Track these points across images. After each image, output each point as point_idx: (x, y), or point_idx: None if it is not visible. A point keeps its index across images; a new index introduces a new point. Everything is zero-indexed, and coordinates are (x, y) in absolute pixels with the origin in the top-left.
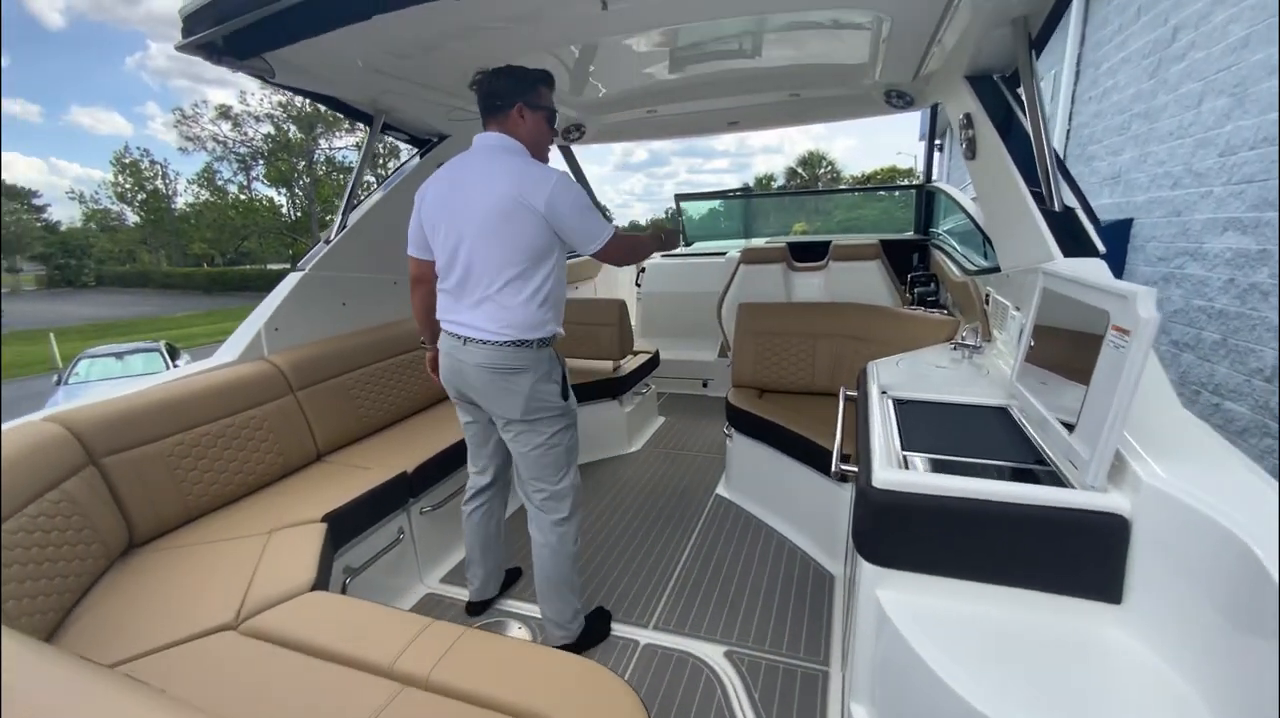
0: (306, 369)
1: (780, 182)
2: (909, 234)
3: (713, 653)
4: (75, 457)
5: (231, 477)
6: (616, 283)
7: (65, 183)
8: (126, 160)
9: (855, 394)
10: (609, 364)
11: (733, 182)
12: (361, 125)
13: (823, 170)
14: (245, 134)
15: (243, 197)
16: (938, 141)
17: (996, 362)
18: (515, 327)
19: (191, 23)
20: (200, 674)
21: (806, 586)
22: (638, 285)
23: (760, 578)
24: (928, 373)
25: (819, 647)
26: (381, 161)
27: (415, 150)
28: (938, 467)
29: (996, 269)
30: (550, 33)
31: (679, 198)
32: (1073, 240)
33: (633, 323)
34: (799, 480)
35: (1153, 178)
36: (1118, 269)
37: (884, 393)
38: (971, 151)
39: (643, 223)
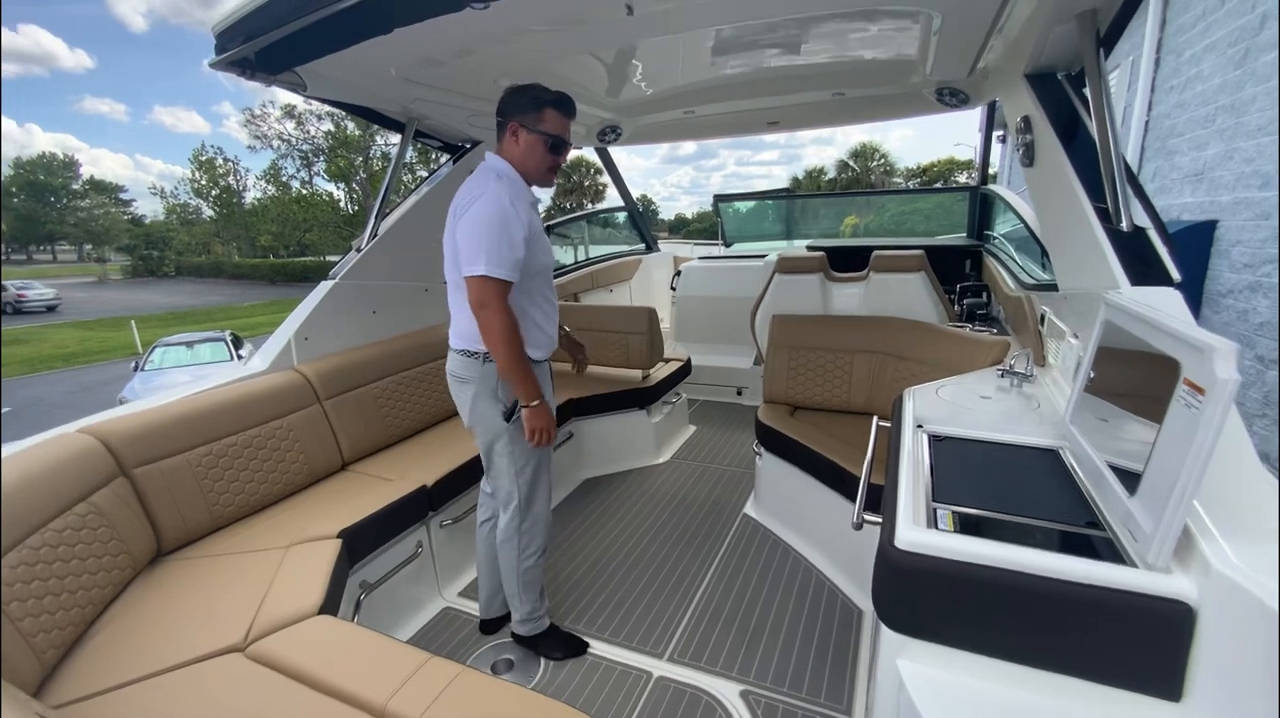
0: (333, 379)
1: (831, 175)
2: (961, 237)
3: (728, 692)
4: (107, 468)
5: (257, 486)
6: (651, 285)
7: (149, 178)
8: (203, 158)
9: (889, 424)
10: (638, 373)
11: (782, 174)
12: None
13: (875, 163)
14: (307, 132)
15: (304, 191)
16: (998, 133)
17: (1049, 392)
18: (463, 336)
19: (224, 40)
20: (203, 700)
21: (833, 621)
22: (673, 289)
23: (784, 609)
24: (970, 404)
25: (842, 692)
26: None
27: (448, 158)
28: (973, 525)
29: (1054, 285)
30: (581, 37)
31: (718, 199)
32: (1143, 266)
33: (666, 326)
34: (829, 507)
35: (1239, 176)
36: (1198, 276)
37: (919, 427)
38: (1029, 158)
39: (689, 216)
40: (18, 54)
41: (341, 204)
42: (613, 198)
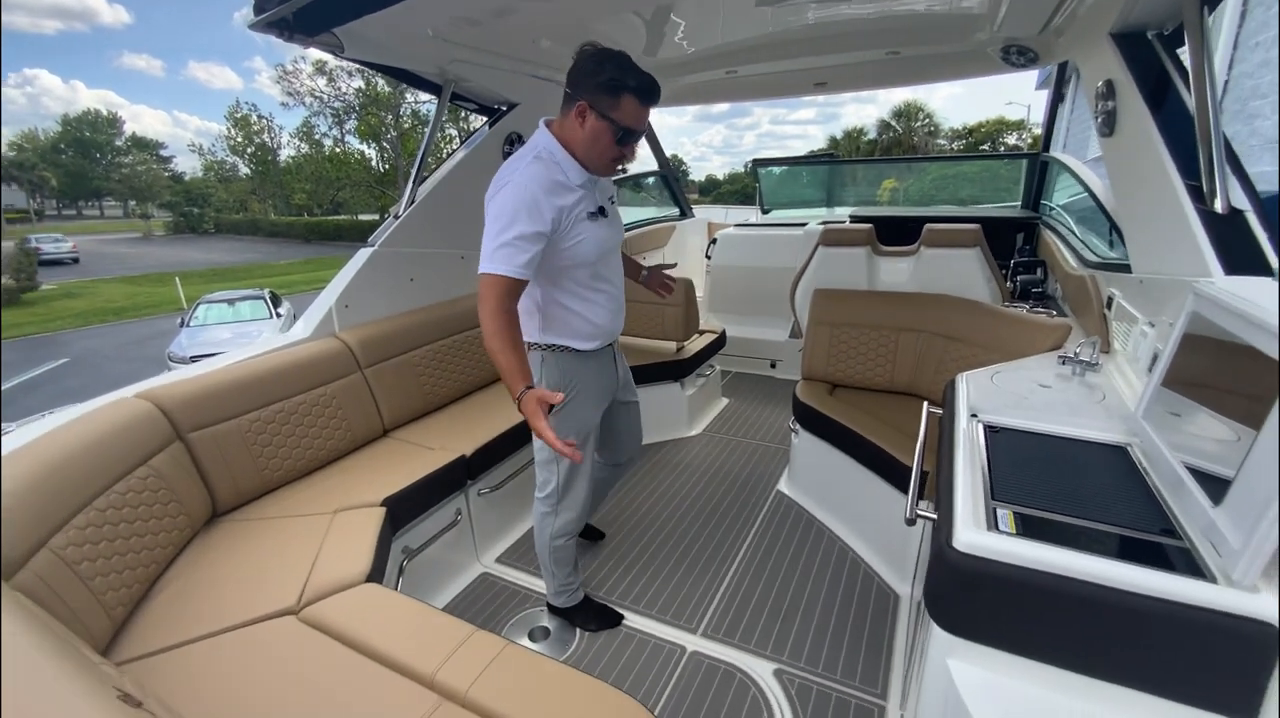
0: (374, 346)
1: (871, 135)
2: (1014, 208)
3: (762, 670)
4: (163, 432)
5: (304, 452)
6: (685, 252)
7: (187, 135)
8: (238, 115)
9: (940, 411)
10: (672, 345)
11: (818, 134)
12: None
13: (919, 124)
14: (339, 89)
15: (337, 150)
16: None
17: (1116, 382)
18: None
19: (262, 1)
20: (258, 660)
21: (868, 604)
22: (708, 258)
23: (819, 590)
24: (1029, 392)
25: (877, 676)
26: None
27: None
28: (1035, 528)
29: (1124, 266)
30: None
31: (756, 163)
32: (1241, 254)
33: (700, 295)
34: (867, 489)
35: None
36: None
37: (974, 416)
38: (1109, 126)
39: (720, 177)
40: (61, 10)
41: (373, 163)
42: (644, 160)
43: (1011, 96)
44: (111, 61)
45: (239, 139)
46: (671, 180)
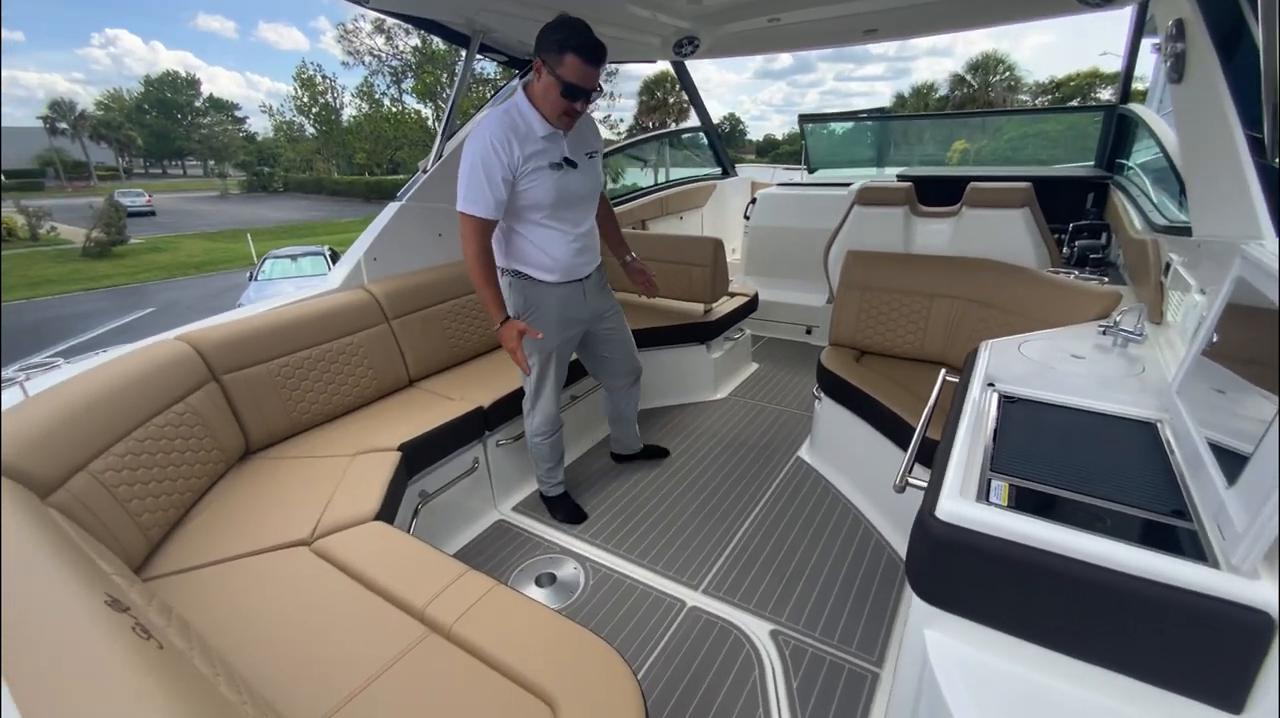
0: (401, 299)
1: (944, 92)
2: (1087, 167)
3: (759, 629)
4: (200, 373)
5: (330, 397)
6: (725, 212)
7: (259, 96)
8: (304, 75)
9: (956, 379)
10: (699, 307)
11: (886, 91)
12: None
13: (998, 78)
14: (396, 47)
15: (394, 109)
16: (1152, 40)
17: (1161, 355)
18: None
19: None
20: (270, 584)
21: (875, 573)
22: (746, 218)
23: (826, 556)
24: (1058, 362)
25: (874, 644)
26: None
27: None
28: (1029, 502)
29: (1189, 229)
30: None
31: (803, 119)
32: None
33: (737, 258)
34: (886, 459)
35: None
36: None
37: (990, 384)
38: (1178, 72)
39: (779, 137)
40: None
41: (429, 122)
42: (695, 117)
43: (1108, 45)
44: (187, 23)
45: (305, 99)
46: (713, 137)
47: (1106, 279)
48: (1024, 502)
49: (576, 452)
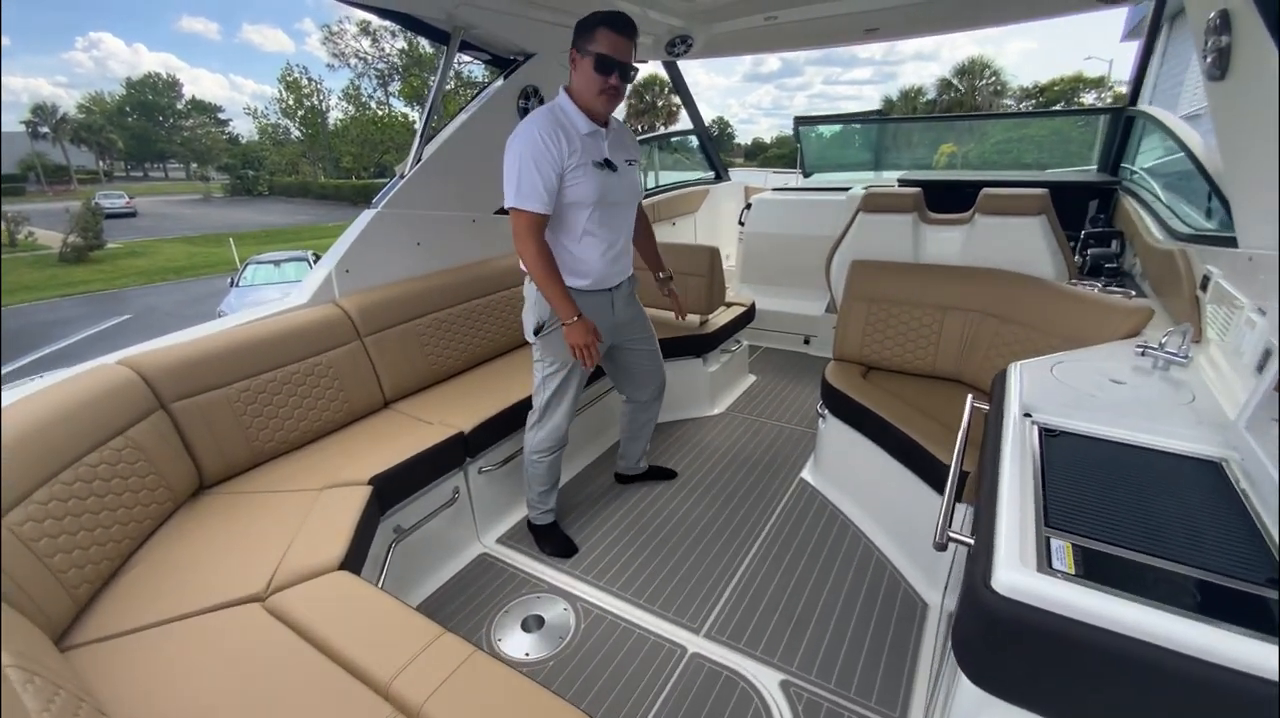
0: (375, 314)
1: (931, 95)
2: (1089, 171)
3: (768, 680)
4: (145, 401)
5: (297, 423)
6: (718, 218)
7: (243, 98)
8: (289, 78)
9: (985, 405)
10: (695, 319)
11: (874, 95)
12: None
13: (984, 82)
14: (382, 49)
15: (380, 112)
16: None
17: (1209, 379)
18: None
19: None
20: (213, 652)
21: (892, 612)
22: (741, 224)
23: (838, 592)
24: (1097, 388)
25: (895, 696)
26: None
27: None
28: (1100, 568)
29: (1225, 239)
30: None
31: (799, 121)
32: None
33: (731, 265)
34: (898, 484)
35: None
36: None
37: (1027, 415)
38: (1221, 68)
39: (767, 140)
40: None
41: (416, 125)
42: (686, 120)
43: (1092, 50)
44: (170, 24)
45: (290, 102)
46: (706, 140)
47: (1131, 292)
48: (1094, 568)
49: (569, 472)
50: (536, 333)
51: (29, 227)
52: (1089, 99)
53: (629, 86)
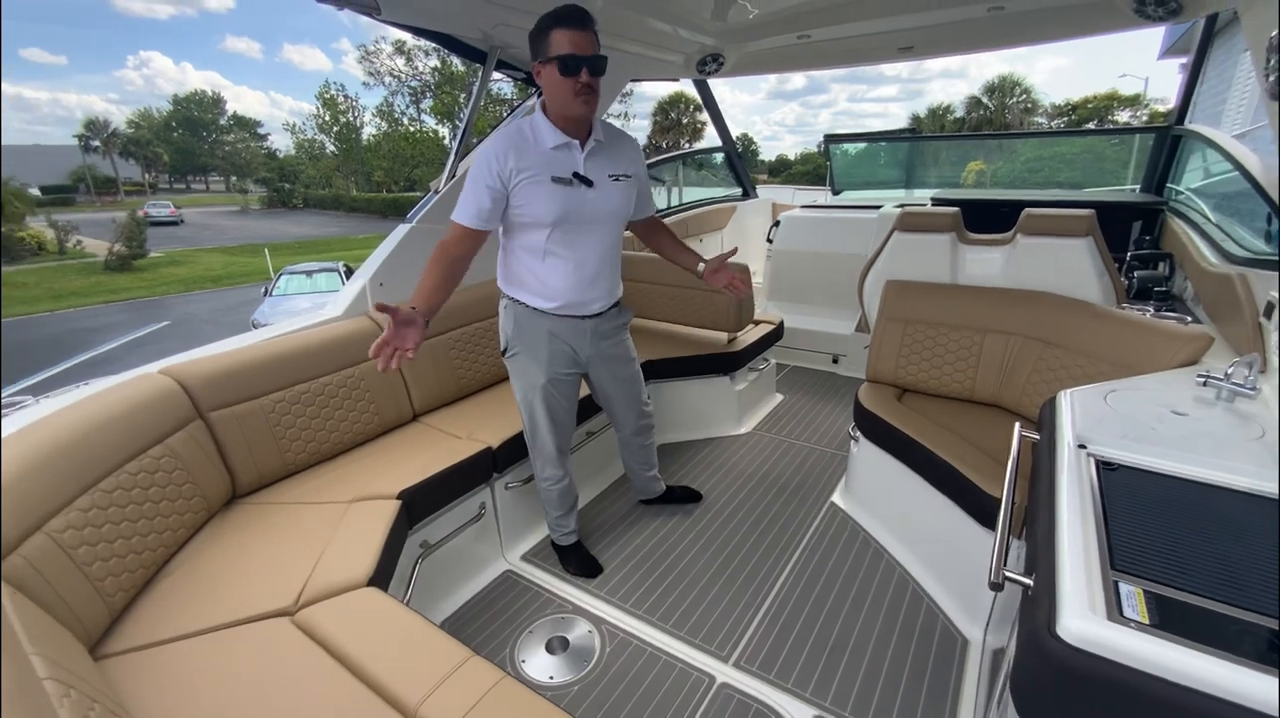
0: None
1: (959, 114)
2: (1126, 190)
3: (800, 715)
4: (184, 411)
5: (328, 435)
6: (745, 235)
7: (282, 114)
8: (327, 95)
9: (1036, 436)
10: (723, 336)
11: (900, 113)
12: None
13: (1015, 100)
14: (416, 68)
15: (412, 128)
16: (1182, 60)
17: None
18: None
19: None
20: (242, 666)
21: (930, 647)
22: (769, 241)
23: (872, 623)
24: (1157, 420)
25: None
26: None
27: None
28: (1177, 617)
29: None
30: None
31: (828, 139)
32: None
33: (759, 282)
34: (936, 512)
35: None
36: None
37: (1082, 447)
38: None
39: (792, 157)
40: None
41: (446, 141)
42: (711, 137)
43: (1127, 67)
44: (216, 44)
45: (326, 118)
46: (734, 157)
47: (1186, 318)
48: (1169, 617)
49: (591, 492)
50: (503, 354)
51: (77, 235)
52: (1124, 117)
53: (601, 80)
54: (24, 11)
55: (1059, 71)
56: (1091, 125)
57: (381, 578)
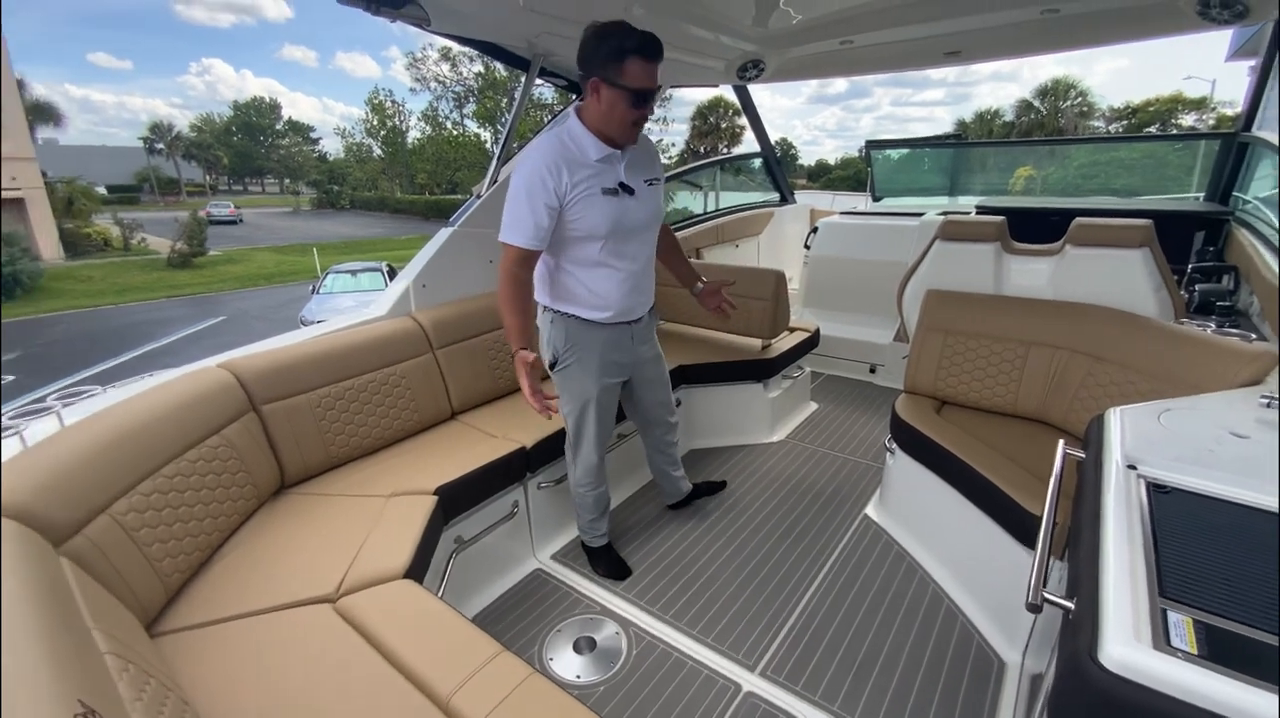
0: (447, 328)
1: (1009, 118)
2: (1189, 199)
3: None
4: (239, 403)
5: (370, 430)
6: (783, 241)
7: (333, 119)
8: (375, 100)
9: (1081, 454)
10: (757, 343)
11: (946, 117)
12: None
13: (1069, 104)
14: (460, 74)
15: (455, 132)
16: (1253, 63)
17: None
18: (536, 287)
19: None
20: (287, 649)
21: (964, 667)
22: (806, 247)
23: (903, 640)
24: (1215, 442)
25: None
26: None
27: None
28: (1227, 648)
29: None
30: None
31: (870, 145)
32: None
33: (795, 288)
34: (973, 528)
35: None
36: None
37: (1132, 467)
38: None
39: (831, 162)
40: (233, 5)
41: (488, 145)
42: (750, 142)
43: (1192, 69)
44: (274, 53)
45: (374, 122)
46: (773, 163)
47: (1251, 335)
48: (1220, 649)
49: (621, 495)
50: (552, 368)
51: (142, 233)
52: (1188, 121)
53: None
54: (91, 18)
55: (1119, 73)
56: (1153, 130)
57: (417, 571)
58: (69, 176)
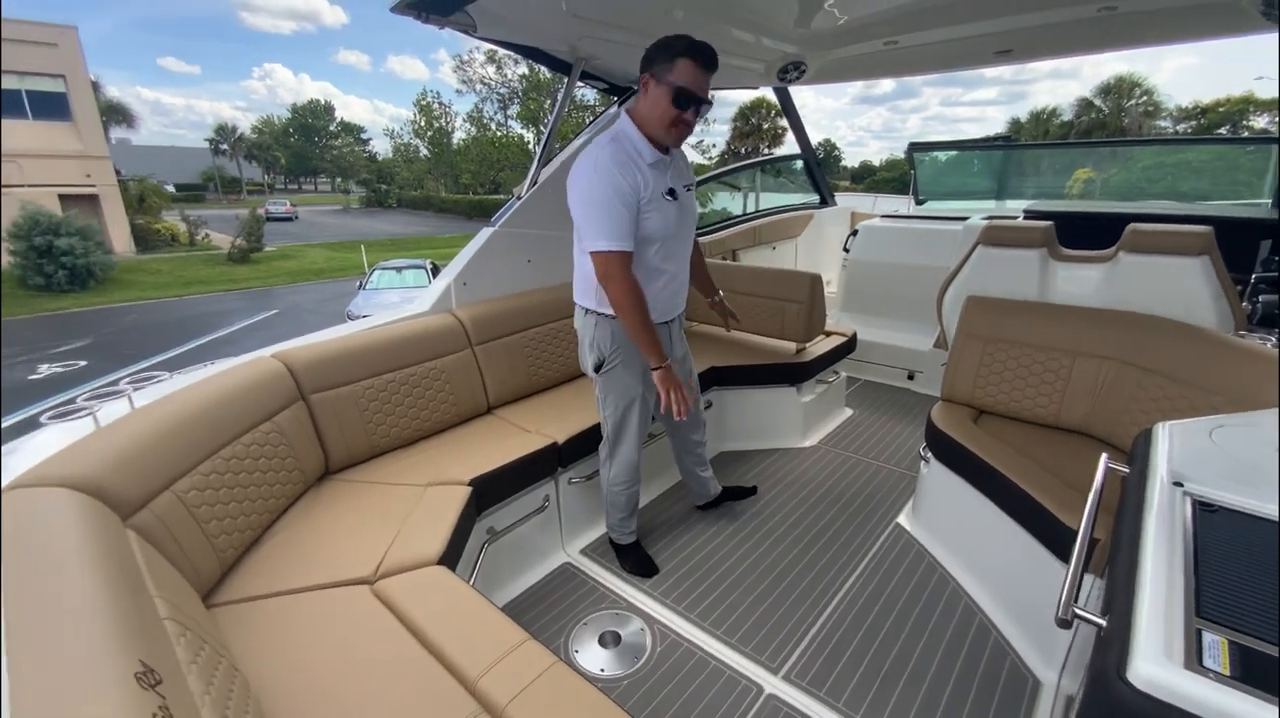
0: (486, 325)
1: (1067, 117)
2: (1260, 206)
3: None
4: (290, 392)
5: (410, 422)
6: (821, 244)
7: (383, 120)
8: (423, 102)
9: (1125, 469)
10: (791, 346)
11: (999, 117)
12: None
13: (1133, 103)
14: (505, 75)
15: (499, 133)
16: None
17: None
18: (578, 291)
19: None
20: (327, 625)
21: (996, 685)
22: (845, 250)
23: (933, 652)
24: (1269, 461)
25: None
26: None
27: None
28: (1263, 671)
29: None
30: None
31: (913, 147)
32: None
33: (833, 292)
34: (1010, 544)
35: None
36: None
37: (1178, 484)
38: None
39: (876, 164)
40: (294, 13)
41: (530, 146)
42: (791, 143)
43: (1264, 68)
44: (330, 57)
45: (421, 123)
46: (813, 164)
47: None
48: (1255, 671)
49: (650, 494)
50: (597, 370)
51: (206, 229)
52: (1261, 122)
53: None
54: (163, 24)
55: (1187, 70)
56: (1225, 130)
57: (450, 558)
58: (140, 175)
